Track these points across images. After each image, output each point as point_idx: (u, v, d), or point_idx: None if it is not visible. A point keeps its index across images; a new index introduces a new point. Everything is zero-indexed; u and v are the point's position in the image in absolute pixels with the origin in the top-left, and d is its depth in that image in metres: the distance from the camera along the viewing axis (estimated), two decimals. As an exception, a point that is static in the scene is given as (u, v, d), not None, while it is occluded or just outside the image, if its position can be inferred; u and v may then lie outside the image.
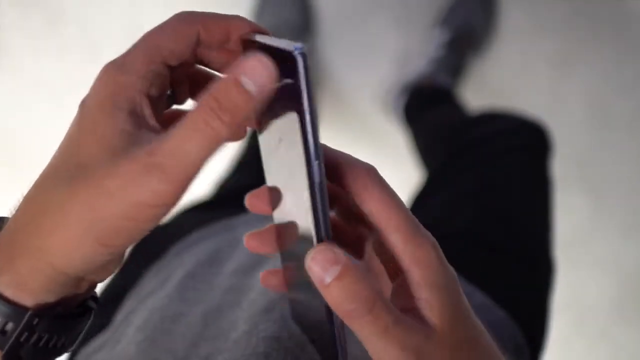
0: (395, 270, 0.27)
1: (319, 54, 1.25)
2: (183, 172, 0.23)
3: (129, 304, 0.53)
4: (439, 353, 0.25)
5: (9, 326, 0.26)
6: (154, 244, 0.61)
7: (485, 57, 1.26)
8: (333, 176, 0.27)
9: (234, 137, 0.26)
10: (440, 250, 0.27)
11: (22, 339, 0.26)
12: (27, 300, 0.26)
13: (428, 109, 1.10)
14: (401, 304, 0.26)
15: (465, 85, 1.26)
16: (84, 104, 0.26)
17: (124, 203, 0.24)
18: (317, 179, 0.24)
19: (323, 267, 0.24)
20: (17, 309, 0.26)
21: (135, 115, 0.25)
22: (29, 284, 0.26)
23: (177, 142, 0.23)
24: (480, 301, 0.53)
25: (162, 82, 0.27)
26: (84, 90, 0.27)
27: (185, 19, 0.27)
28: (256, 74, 0.23)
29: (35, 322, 0.26)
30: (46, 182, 0.26)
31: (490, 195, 0.68)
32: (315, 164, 0.24)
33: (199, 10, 0.28)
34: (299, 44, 0.23)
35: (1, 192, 1.32)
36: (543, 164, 0.72)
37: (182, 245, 0.58)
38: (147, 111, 0.26)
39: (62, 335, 0.28)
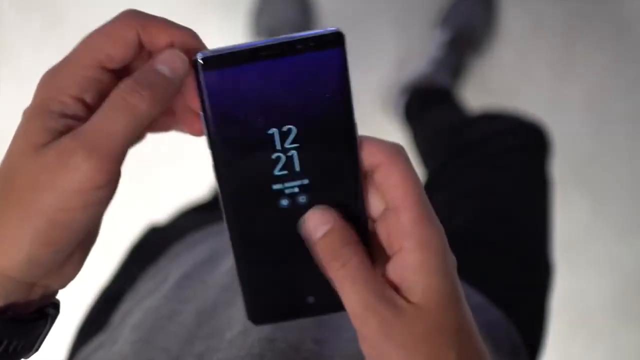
0: (391, 245, 0.28)
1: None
2: (106, 147, 0.24)
3: (126, 304, 0.53)
4: (407, 329, 0.26)
5: None
6: (152, 246, 0.61)
7: (485, 57, 1.26)
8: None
9: (155, 112, 0.26)
10: (446, 239, 0.27)
11: None
12: None
13: (428, 109, 1.10)
14: (391, 278, 0.27)
15: (465, 85, 1.26)
16: (24, 112, 0.27)
17: (53, 193, 0.24)
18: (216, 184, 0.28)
19: (314, 226, 0.28)
20: None
21: (65, 117, 0.26)
22: None
23: (98, 120, 0.24)
24: (478, 301, 0.53)
25: (99, 87, 0.27)
26: None
27: (125, 21, 0.27)
28: (169, 61, 0.26)
29: None
30: None
31: (490, 195, 0.68)
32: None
33: (147, 12, 0.28)
34: (203, 52, 0.26)
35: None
36: (542, 164, 0.72)
37: (180, 247, 0.58)
38: (79, 112, 0.26)
39: (13, 339, 0.27)
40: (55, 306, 0.30)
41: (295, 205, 0.29)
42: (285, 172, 0.28)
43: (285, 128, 0.27)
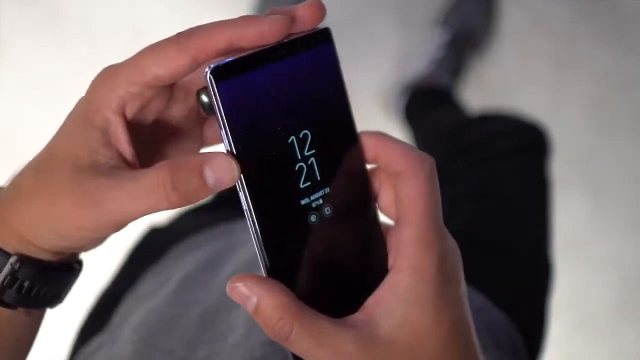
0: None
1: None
2: (117, 219, 0.26)
3: (126, 305, 0.53)
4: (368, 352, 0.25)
5: None
6: (154, 246, 0.61)
7: (485, 57, 1.26)
8: (382, 158, 0.28)
9: (171, 209, 0.26)
10: (449, 265, 0.26)
11: (4, 282, 0.28)
12: (11, 251, 0.28)
13: (428, 110, 1.10)
14: (367, 305, 0.26)
15: (465, 85, 1.26)
16: (78, 102, 0.28)
17: (65, 212, 0.26)
18: (241, 195, 0.26)
19: (241, 301, 0.26)
20: (1, 251, 0.28)
21: (106, 136, 0.27)
22: (7, 240, 0.28)
23: (123, 194, 0.25)
24: (478, 303, 0.53)
25: (142, 101, 0.27)
26: (83, 88, 0.28)
27: (179, 43, 0.26)
28: (219, 171, 0.25)
29: (17, 267, 0.28)
30: (28, 163, 0.29)
31: (489, 196, 0.68)
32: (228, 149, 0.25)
33: (199, 27, 0.26)
34: (215, 63, 0.25)
35: (1, 192, 1.33)
36: (541, 165, 0.72)
37: (182, 247, 0.58)
38: (120, 132, 0.27)
39: (44, 285, 0.30)
40: (79, 263, 0.32)
41: (322, 219, 0.27)
42: (309, 183, 0.27)
43: (301, 134, 0.26)
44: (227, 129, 0.25)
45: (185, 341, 0.41)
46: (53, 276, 0.30)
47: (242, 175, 0.25)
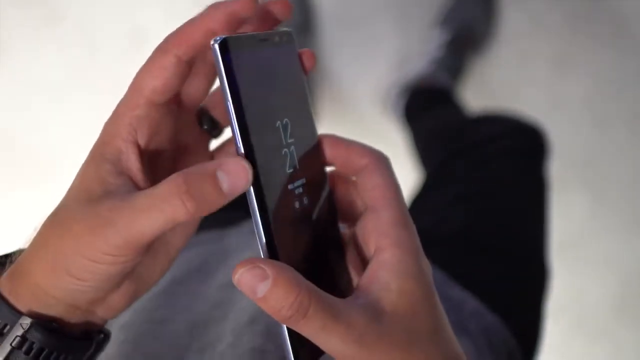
0: (367, 244, 0.28)
1: (319, 54, 1.25)
2: (135, 237, 0.25)
3: None
4: (387, 339, 0.26)
5: (7, 329, 0.27)
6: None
7: (485, 57, 1.26)
8: (341, 160, 0.29)
9: (190, 219, 0.26)
10: (419, 242, 0.28)
11: (13, 343, 0.27)
12: (22, 308, 0.27)
13: (428, 110, 1.10)
14: (365, 278, 0.27)
15: (465, 86, 1.26)
16: (90, 151, 0.28)
17: (82, 245, 0.25)
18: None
19: (251, 286, 0.24)
20: (13, 311, 0.27)
21: (118, 166, 0.27)
22: (21, 295, 0.27)
23: (136, 210, 0.25)
24: (473, 306, 0.53)
25: (150, 122, 0.28)
26: (83, 89, 0.29)
27: (159, 48, 0.27)
28: (234, 176, 0.25)
29: (27, 327, 0.27)
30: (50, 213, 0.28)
31: (486, 199, 0.68)
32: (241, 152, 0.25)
33: (178, 26, 0.27)
34: (221, 36, 0.25)
35: (1, 191, 1.33)
36: (539, 167, 0.72)
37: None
38: (132, 160, 0.27)
39: (54, 350, 0.28)
40: (103, 334, 0.31)
41: (302, 207, 0.28)
42: (292, 170, 0.27)
43: (284, 121, 0.27)
44: (233, 97, 0.25)
45: (173, 348, 0.41)
46: (66, 344, 0.28)
47: (246, 144, 0.25)
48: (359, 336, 0.25)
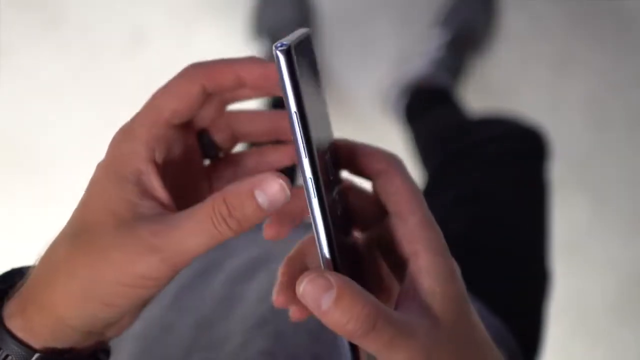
0: (396, 262, 0.28)
1: (319, 54, 1.25)
2: (181, 259, 0.26)
3: None
4: (446, 346, 0.25)
5: None
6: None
7: (486, 57, 1.26)
8: (357, 164, 0.29)
9: (231, 237, 0.27)
10: (446, 242, 0.28)
11: None
12: (36, 344, 0.27)
13: (428, 110, 1.10)
14: (405, 295, 0.26)
15: (465, 86, 1.26)
16: (98, 166, 0.28)
17: (122, 272, 0.25)
18: (307, 174, 0.25)
19: (315, 298, 0.23)
20: (27, 349, 0.27)
21: (141, 186, 0.27)
22: (37, 331, 0.27)
23: (183, 233, 0.25)
24: (475, 309, 0.53)
25: (168, 144, 0.28)
26: (83, 90, 0.28)
27: (187, 75, 0.28)
28: (271, 192, 0.25)
29: None
30: (58, 238, 0.28)
31: (487, 201, 0.68)
32: (305, 161, 0.24)
33: (206, 60, 0.28)
34: (281, 41, 0.24)
35: (1, 192, 1.33)
36: (540, 169, 0.72)
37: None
38: (154, 179, 0.27)
39: None
40: (107, 352, 0.31)
41: (340, 216, 0.27)
42: (332, 177, 0.27)
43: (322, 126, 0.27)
44: (299, 109, 0.24)
45: (179, 349, 0.41)
46: None
47: (310, 154, 0.24)
48: (424, 349, 0.24)
